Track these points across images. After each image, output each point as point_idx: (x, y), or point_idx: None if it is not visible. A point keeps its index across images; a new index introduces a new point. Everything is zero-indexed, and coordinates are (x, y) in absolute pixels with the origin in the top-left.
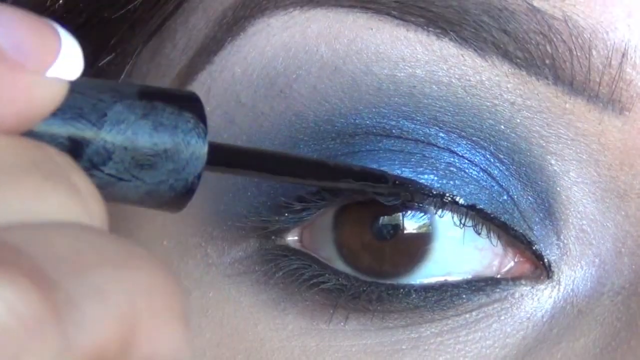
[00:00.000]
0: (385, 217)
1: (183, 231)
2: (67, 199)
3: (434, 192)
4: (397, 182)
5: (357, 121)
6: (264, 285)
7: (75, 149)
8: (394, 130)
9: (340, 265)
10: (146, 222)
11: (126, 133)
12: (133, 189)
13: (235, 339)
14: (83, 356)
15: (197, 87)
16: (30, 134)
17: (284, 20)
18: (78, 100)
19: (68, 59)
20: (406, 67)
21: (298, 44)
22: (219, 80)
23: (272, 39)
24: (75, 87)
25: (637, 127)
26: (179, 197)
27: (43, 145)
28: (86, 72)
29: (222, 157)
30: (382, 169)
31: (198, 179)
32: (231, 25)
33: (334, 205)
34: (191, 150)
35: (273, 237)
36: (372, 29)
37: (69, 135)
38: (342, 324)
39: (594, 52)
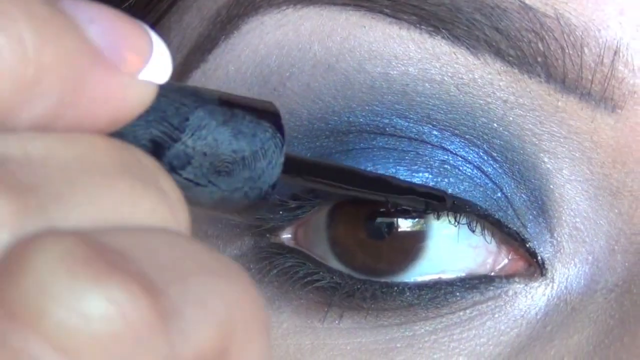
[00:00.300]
0: (380, 215)
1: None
2: (158, 204)
3: (483, 212)
4: (455, 202)
5: (350, 119)
6: (258, 284)
7: (156, 151)
8: (387, 129)
9: (334, 263)
10: None
11: (207, 139)
12: (208, 195)
13: None
14: None
15: (191, 84)
16: (116, 134)
17: (277, 19)
18: (162, 103)
19: (158, 62)
20: (399, 65)
21: (291, 42)
22: (213, 78)
23: (265, 37)
24: (160, 90)
25: (629, 124)
26: (251, 205)
27: (132, 147)
28: None
29: (296, 167)
30: (395, 175)
31: (273, 188)
32: (225, 24)
33: (328, 204)
34: (268, 159)
35: (268, 235)
36: (365, 27)
37: (152, 138)
38: (336, 322)
39: (586, 50)
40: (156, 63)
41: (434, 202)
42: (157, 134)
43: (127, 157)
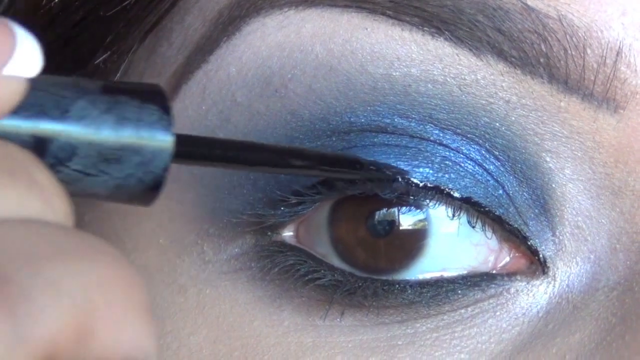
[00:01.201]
0: (381, 213)
1: (179, 229)
2: (27, 195)
3: (413, 179)
4: (372, 167)
5: (352, 119)
6: (260, 282)
7: (39, 145)
8: (389, 128)
9: (335, 261)
10: (142, 221)
11: (89, 128)
12: (102, 184)
13: (232, 335)
14: (36, 348)
15: (193, 86)
16: None
17: (279, 20)
18: (40, 97)
19: (25, 56)
20: (401, 66)
21: (293, 43)
22: (215, 79)
23: (267, 39)
24: (36, 84)
25: (631, 125)
26: (148, 190)
27: (3, 142)
28: (82, 70)
29: (190, 148)
30: (369, 158)
31: (166, 171)
32: (227, 25)
33: (329, 199)
34: (157, 142)
35: (269, 233)
36: (367, 29)
37: (32, 133)
38: (338, 319)
39: (588, 51)
40: (22, 58)
41: (345, 169)
42: (37, 128)
43: None
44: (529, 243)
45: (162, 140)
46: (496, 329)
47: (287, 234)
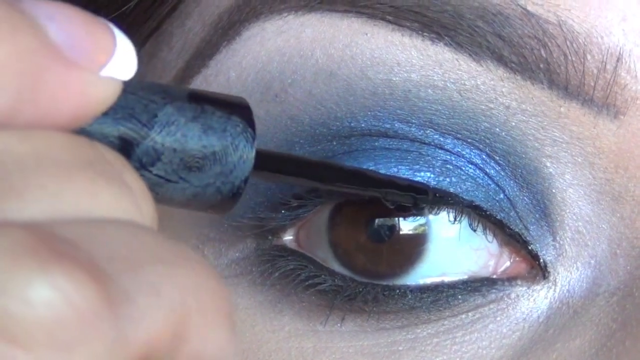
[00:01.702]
0: (381, 217)
1: (180, 233)
2: (119, 197)
3: (469, 203)
4: (437, 194)
5: (352, 124)
6: (260, 286)
7: (125, 148)
8: (389, 133)
9: (335, 265)
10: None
11: (176, 135)
12: (180, 191)
13: None
14: (135, 349)
15: None
16: (83, 132)
17: (278, 25)
18: (130, 100)
19: (122, 59)
20: (401, 72)
21: (293, 48)
22: (214, 84)
23: (266, 44)
24: (127, 87)
25: (631, 130)
26: (224, 200)
27: (96, 143)
28: None
29: (269, 162)
30: (400, 174)
31: (245, 182)
32: (226, 30)
33: (330, 203)
34: (239, 154)
35: (270, 237)
36: (366, 34)
37: (120, 135)
38: (338, 325)
39: (588, 57)
40: (120, 60)
41: (415, 194)
42: (125, 131)
43: (89, 152)
44: (530, 248)
45: (244, 152)
46: (497, 334)
47: (288, 238)
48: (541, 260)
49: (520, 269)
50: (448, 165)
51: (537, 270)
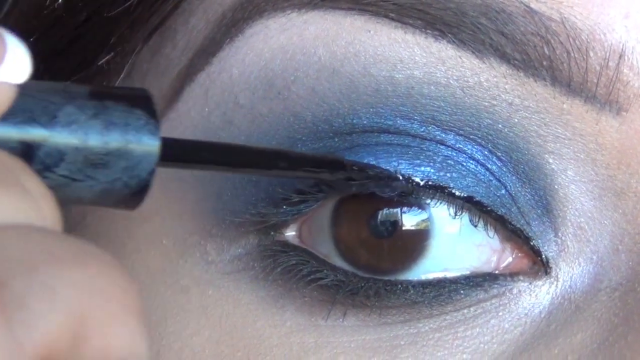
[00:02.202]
0: (384, 213)
1: (182, 230)
2: (17, 202)
3: (396, 176)
4: (355, 167)
5: (354, 121)
6: (262, 282)
7: (27, 151)
8: (391, 129)
9: (338, 261)
10: (144, 222)
11: (77, 133)
12: (87, 189)
13: (235, 336)
14: (33, 354)
15: (196, 88)
16: None
17: (281, 23)
18: (28, 102)
19: (14, 62)
20: (404, 69)
21: (296, 46)
22: (217, 81)
23: (270, 41)
24: (24, 89)
25: (634, 127)
26: (134, 194)
27: None
28: (86, 71)
29: (177, 152)
30: (373, 161)
31: (151, 175)
32: (229, 27)
33: (332, 198)
34: (143, 147)
35: (272, 233)
36: (370, 32)
37: (20, 139)
38: (340, 320)
39: (591, 54)
40: (11, 63)
41: (328, 170)
42: (24, 134)
43: None
44: (532, 243)
45: (149, 144)
46: (498, 329)
47: (290, 233)
48: (543, 256)
49: (523, 265)
50: (449, 161)
51: (539, 265)
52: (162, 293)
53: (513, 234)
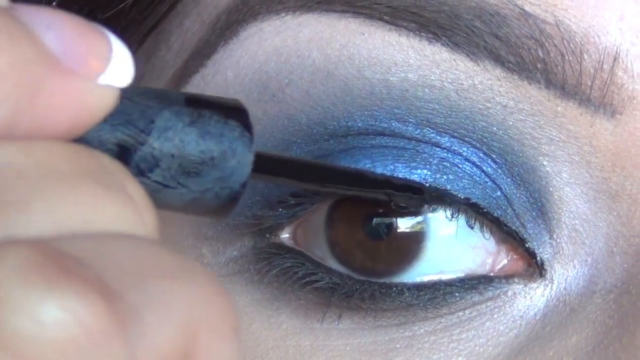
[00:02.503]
0: (379, 215)
1: (178, 232)
2: (123, 209)
3: (466, 201)
4: (434, 194)
5: (349, 124)
6: (257, 285)
7: (123, 155)
8: (386, 132)
9: (333, 263)
10: None
11: (174, 140)
12: (178, 197)
13: None
14: None
15: (190, 90)
16: (81, 140)
17: (276, 25)
18: (126, 106)
19: (119, 65)
20: (398, 72)
21: (290, 48)
22: (212, 84)
23: (264, 44)
24: (124, 93)
25: (628, 129)
26: (223, 205)
27: (96, 152)
28: None
29: (267, 165)
30: (375, 169)
31: (244, 187)
32: (224, 30)
33: (327, 201)
34: (237, 158)
35: (267, 235)
36: (364, 34)
37: (118, 142)
38: (335, 322)
39: (585, 56)
40: (116, 67)
41: (411, 194)
42: (122, 137)
43: (90, 162)
44: (527, 245)
45: (243, 156)
46: (494, 331)
47: (285, 236)
48: (538, 258)
49: (518, 267)
50: (445, 163)
51: (534, 268)
52: None
53: (508, 236)
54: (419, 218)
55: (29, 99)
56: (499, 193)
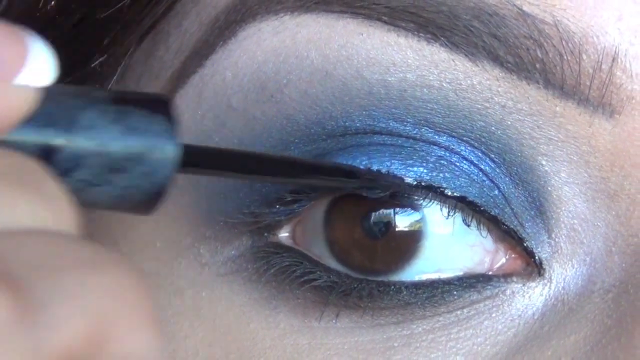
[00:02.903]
0: (377, 214)
1: (176, 232)
2: (36, 206)
3: (408, 184)
4: (368, 176)
5: (347, 124)
6: (255, 283)
7: (46, 155)
8: (384, 132)
9: (331, 262)
10: (139, 224)
11: (97, 138)
12: (105, 194)
13: (228, 338)
14: (53, 356)
15: (189, 90)
16: (2, 142)
17: (274, 26)
18: (49, 106)
19: (38, 65)
20: (397, 72)
21: (288, 49)
22: (210, 84)
23: (262, 44)
24: (46, 93)
25: (627, 129)
26: (150, 200)
27: (11, 152)
28: (78, 73)
29: (195, 158)
30: (362, 164)
31: (169, 180)
32: (223, 30)
33: (325, 198)
34: (163, 153)
35: (265, 234)
36: (362, 35)
37: (39, 143)
38: (333, 321)
39: (584, 57)
40: (35, 66)
41: (342, 178)
42: (45, 138)
43: (5, 162)
44: (525, 244)
45: (168, 150)
46: (492, 330)
47: (284, 234)
48: (536, 257)
49: (516, 266)
50: (442, 161)
51: (533, 267)
52: (155, 295)
53: (506, 234)
54: (417, 216)
55: None
56: (496, 192)
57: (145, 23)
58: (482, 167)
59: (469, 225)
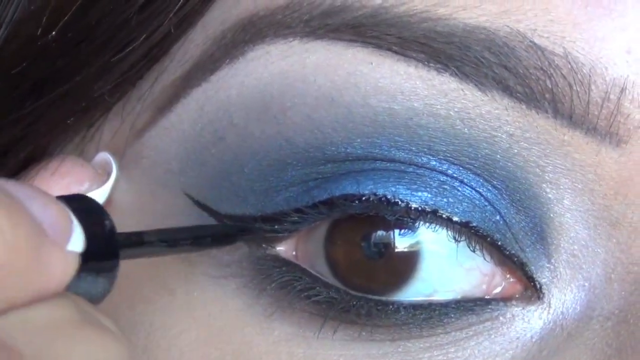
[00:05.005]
0: (376, 235)
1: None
2: (109, 340)
3: (412, 204)
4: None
5: (348, 150)
6: (252, 291)
7: None
8: (385, 159)
9: (331, 279)
10: (131, 223)
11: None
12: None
13: (222, 338)
14: None
15: (191, 102)
16: None
17: (282, 49)
18: None
19: (77, 233)
20: (404, 100)
21: (296, 73)
22: (214, 99)
23: (270, 67)
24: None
25: (633, 158)
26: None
27: (75, 297)
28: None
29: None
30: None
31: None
32: (230, 48)
33: (327, 220)
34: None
35: (264, 245)
36: (372, 64)
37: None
38: (330, 333)
39: (593, 87)
40: (78, 235)
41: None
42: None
43: (77, 308)
44: (525, 269)
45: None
46: (490, 352)
47: (282, 248)
48: (536, 282)
49: (516, 290)
50: (445, 186)
51: (532, 291)
52: (148, 288)
53: (507, 259)
54: (416, 238)
55: (35, 269)
56: (498, 217)
57: (153, 38)
58: (483, 193)
59: (474, 251)
